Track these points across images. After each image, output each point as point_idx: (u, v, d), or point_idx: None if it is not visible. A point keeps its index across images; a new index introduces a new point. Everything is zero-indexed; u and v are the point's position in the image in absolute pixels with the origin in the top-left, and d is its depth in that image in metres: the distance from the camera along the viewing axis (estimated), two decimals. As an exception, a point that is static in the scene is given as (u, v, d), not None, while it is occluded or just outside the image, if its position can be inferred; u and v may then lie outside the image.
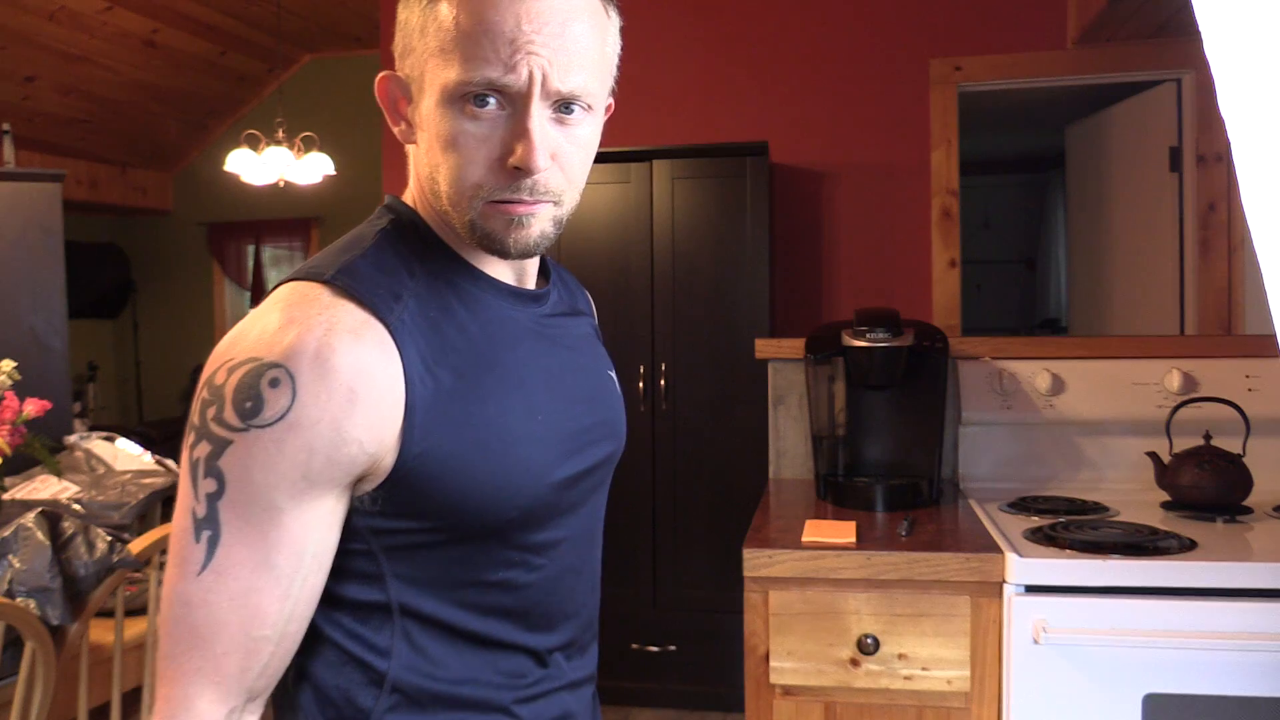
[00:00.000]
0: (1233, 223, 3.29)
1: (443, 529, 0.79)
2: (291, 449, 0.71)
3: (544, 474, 0.83)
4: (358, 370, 0.72)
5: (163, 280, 7.02)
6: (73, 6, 4.75)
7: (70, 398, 3.40)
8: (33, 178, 3.29)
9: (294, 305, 0.74)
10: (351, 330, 0.73)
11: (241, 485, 0.71)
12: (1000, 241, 6.96)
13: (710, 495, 3.24)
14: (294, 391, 0.71)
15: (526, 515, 0.82)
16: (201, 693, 0.72)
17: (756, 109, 3.59)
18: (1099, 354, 2.18)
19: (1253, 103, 0.39)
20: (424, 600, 0.80)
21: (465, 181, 0.78)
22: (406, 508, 0.77)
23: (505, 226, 0.79)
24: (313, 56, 6.50)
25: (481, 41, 0.74)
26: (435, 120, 0.78)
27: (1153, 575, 1.54)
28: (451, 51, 0.75)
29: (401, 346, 0.74)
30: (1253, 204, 0.40)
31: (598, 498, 0.94)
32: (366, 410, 0.72)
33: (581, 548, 0.92)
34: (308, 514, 0.73)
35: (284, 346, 0.72)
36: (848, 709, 1.65)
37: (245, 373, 0.72)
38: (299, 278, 0.78)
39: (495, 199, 0.78)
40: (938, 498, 2.03)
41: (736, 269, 3.21)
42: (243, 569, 0.72)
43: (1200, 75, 3.31)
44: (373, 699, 0.80)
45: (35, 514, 1.72)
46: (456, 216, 0.81)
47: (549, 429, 0.84)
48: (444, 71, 0.76)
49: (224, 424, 0.71)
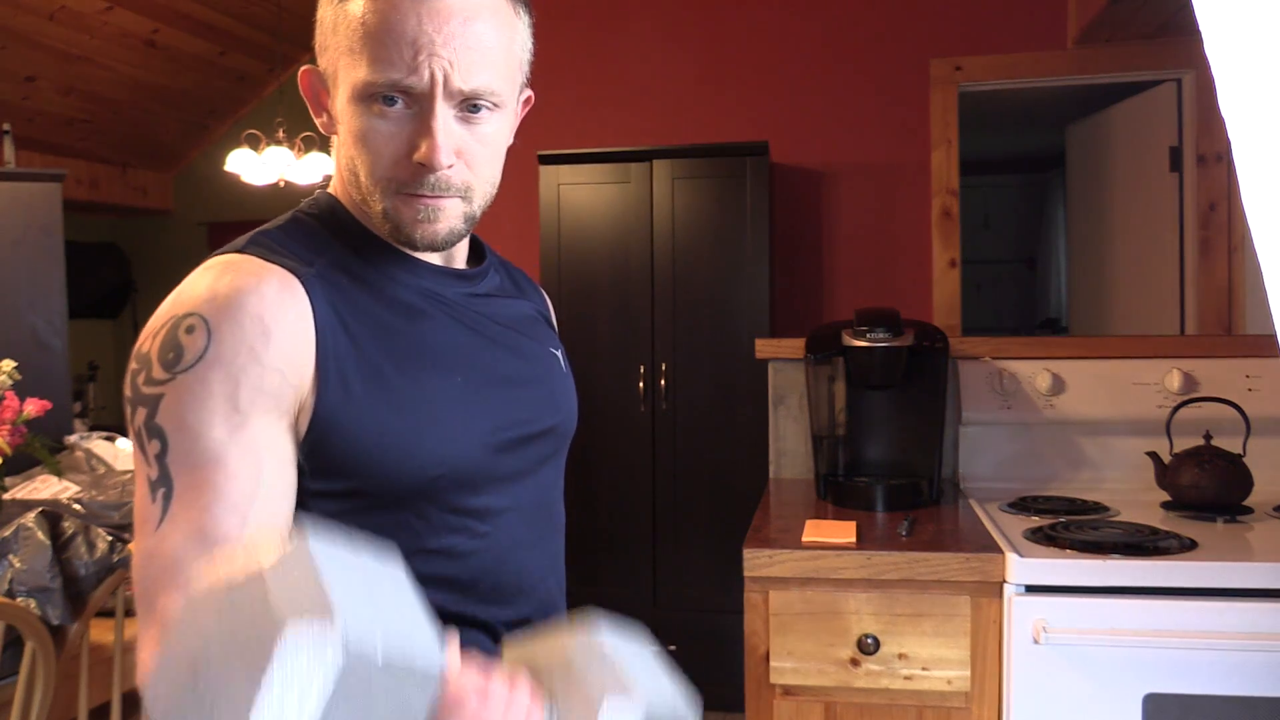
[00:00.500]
0: (1233, 223, 3.29)
1: (371, 490, 0.80)
2: (216, 383, 0.73)
3: (467, 435, 0.84)
4: (266, 306, 0.75)
5: (163, 280, 6.99)
6: (73, 6, 4.75)
7: (70, 398, 3.40)
8: (33, 178, 3.29)
9: (204, 270, 0.80)
10: (256, 274, 0.77)
11: (180, 434, 0.73)
12: (1000, 241, 6.96)
13: (710, 495, 3.24)
14: (209, 331, 0.74)
15: (454, 476, 0.83)
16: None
17: (756, 109, 3.59)
18: (1099, 354, 2.18)
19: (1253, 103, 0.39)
20: None
21: (376, 174, 0.82)
22: (329, 464, 0.78)
23: (414, 219, 0.83)
24: (313, 56, 6.49)
25: (386, 42, 0.78)
26: (349, 116, 0.82)
27: (1153, 575, 1.54)
28: (360, 52, 0.79)
29: (312, 296, 0.78)
30: (1253, 204, 0.40)
31: (546, 471, 0.95)
32: (280, 341, 0.75)
33: (532, 521, 0.92)
34: (247, 443, 0.74)
35: (194, 298, 0.76)
36: (848, 709, 1.65)
37: (164, 331, 0.76)
38: (213, 254, 0.83)
39: (404, 191, 0.82)
40: (938, 498, 2.03)
41: (736, 269, 3.21)
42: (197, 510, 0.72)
43: (1200, 75, 3.31)
44: None
45: (35, 514, 1.72)
46: (372, 206, 0.84)
47: (472, 394, 0.86)
48: (354, 71, 0.80)
49: (153, 382, 0.74)
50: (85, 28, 4.95)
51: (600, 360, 3.29)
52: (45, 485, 2.26)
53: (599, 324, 3.29)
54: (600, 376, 3.28)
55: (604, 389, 3.28)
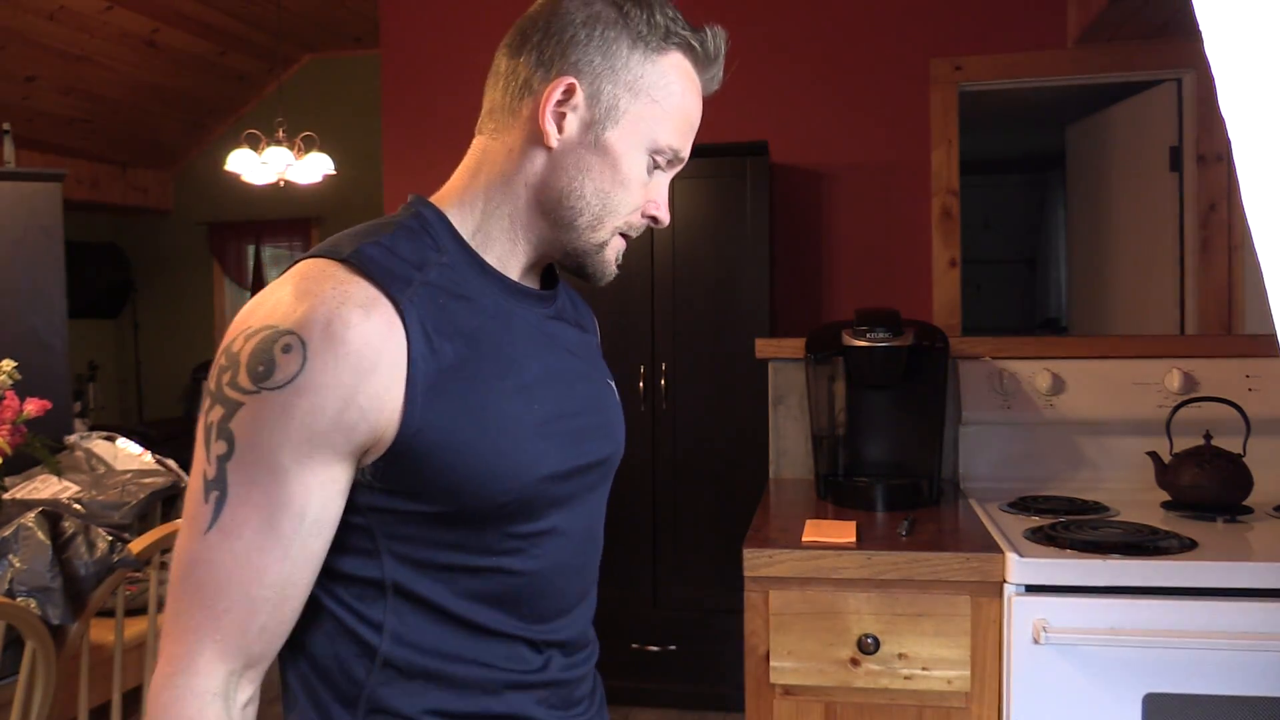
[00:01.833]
0: (1233, 223, 3.29)
1: (437, 509, 0.81)
2: (299, 411, 0.75)
3: (537, 464, 0.85)
4: (365, 342, 0.76)
5: (163, 280, 7.02)
6: (73, 6, 4.75)
7: (70, 398, 3.40)
8: (33, 178, 3.29)
9: (309, 279, 0.79)
10: (361, 305, 0.77)
11: (249, 446, 0.75)
12: (1000, 241, 6.96)
13: (710, 495, 3.24)
14: (305, 357, 0.75)
15: (519, 503, 0.84)
16: (202, 650, 0.76)
17: (756, 109, 3.59)
18: (1099, 354, 2.18)
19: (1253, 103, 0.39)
20: (417, 581, 0.82)
21: (619, 212, 0.89)
22: (404, 484, 0.80)
23: (615, 257, 0.93)
24: (313, 56, 6.50)
25: (689, 120, 0.91)
26: (624, 156, 0.88)
27: (1153, 575, 1.54)
28: (669, 119, 0.89)
29: (408, 324, 0.78)
30: (1253, 204, 0.40)
31: (594, 498, 0.95)
32: (371, 380, 0.76)
33: (578, 546, 0.93)
34: (310, 478, 0.76)
35: (297, 316, 0.76)
36: (848, 709, 1.65)
37: (260, 339, 0.76)
38: (317, 255, 0.82)
39: (623, 233, 0.92)
40: (938, 497, 2.03)
41: (736, 269, 3.21)
42: (246, 528, 0.76)
43: (1200, 75, 3.31)
44: (365, 671, 0.83)
45: (35, 514, 1.72)
46: (583, 232, 0.89)
47: (545, 421, 0.87)
48: (659, 130, 0.88)
49: (237, 387, 0.76)
50: (85, 28, 4.95)
51: (600, 360, 3.28)
52: (45, 485, 2.26)
53: (599, 324, 3.29)
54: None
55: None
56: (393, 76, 3.94)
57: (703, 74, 0.91)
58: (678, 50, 0.88)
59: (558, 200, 0.88)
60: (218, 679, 0.76)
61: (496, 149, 0.89)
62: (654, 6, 0.87)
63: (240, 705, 0.78)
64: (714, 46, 0.90)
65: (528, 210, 0.89)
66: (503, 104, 0.89)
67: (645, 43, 0.86)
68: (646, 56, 0.87)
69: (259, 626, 0.77)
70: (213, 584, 0.76)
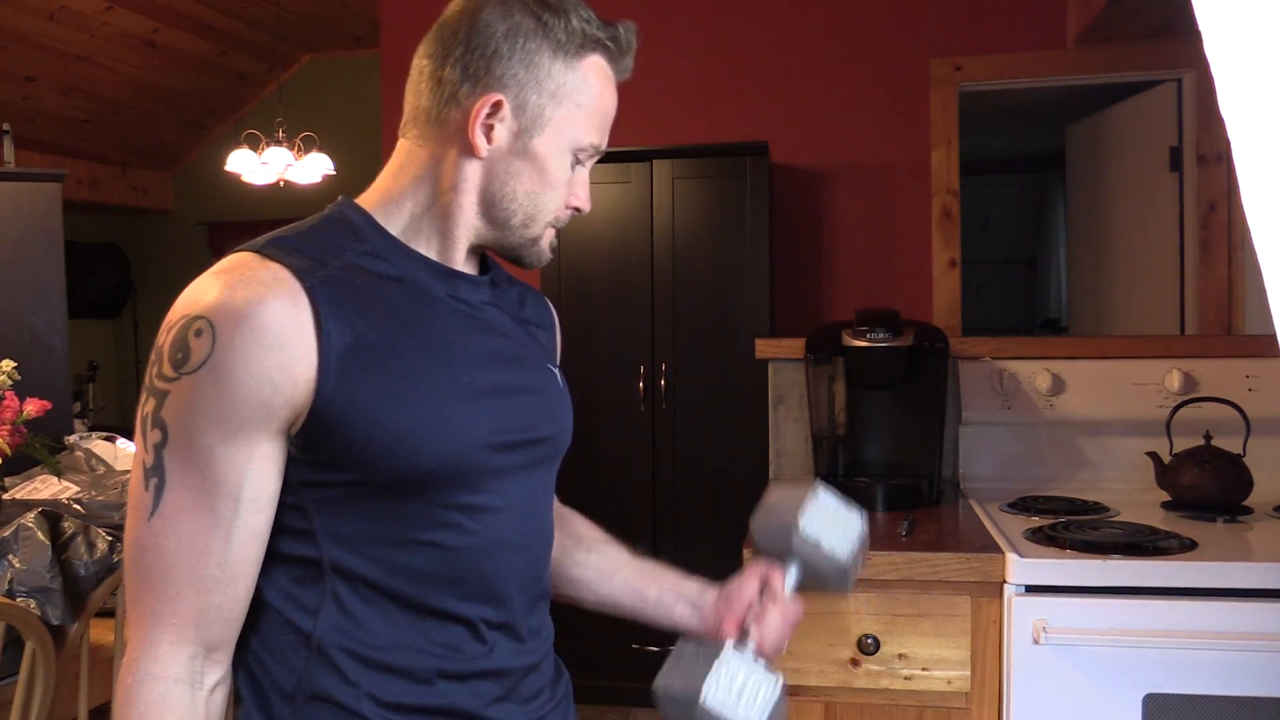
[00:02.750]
0: (1233, 223, 3.29)
1: (362, 480, 0.83)
2: (214, 390, 0.79)
3: (466, 431, 0.87)
4: (270, 318, 0.79)
5: (163, 280, 7.02)
6: (73, 6, 4.75)
7: (70, 398, 3.40)
8: (33, 178, 3.29)
9: (222, 270, 0.83)
10: (267, 284, 0.81)
11: (179, 431, 0.79)
12: (1000, 241, 6.96)
13: (710, 495, 3.24)
14: (214, 339, 0.79)
15: (448, 470, 0.85)
16: (160, 635, 0.80)
17: (756, 109, 3.59)
18: (1099, 354, 2.18)
19: (1253, 103, 0.39)
20: (354, 559, 0.84)
21: (547, 209, 0.93)
22: (326, 454, 0.82)
23: (549, 246, 0.97)
24: (313, 56, 6.50)
25: (606, 117, 0.94)
26: (551, 159, 0.91)
27: (1153, 575, 1.54)
28: (589, 119, 0.92)
29: (317, 300, 0.81)
30: (1253, 204, 0.40)
31: (535, 480, 0.96)
32: (281, 355, 0.79)
33: (520, 525, 0.93)
34: (239, 455, 0.80)
35: (207, 302, 0.80)
36: (848, 709, 1.65)
37: (178, 329, 0.81)
38: (235, 250, 0.86)
39: (554, 225, 0.96)
40: (938, 498, 2.03)
41: (736, 269, 3.21)
42: (186, 512, 0.79)
43: (1200, 75, 3.31)
44: (303, 661, 0.84)
45: (35, 514, 1.72)
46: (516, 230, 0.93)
47: (474, 394, 0.89)
48: (580, 131, 0.91)
49: (163, 377, 0.80)
50: (85, 28, 4.95)
51: (600, 360, 3.28)
52: (45, 485, 2.26)
53: (599, 324, 3.29)
54: (600, 376, 3.28)
55: (604, 389, 3.28)
56: (393, 76, 3.93)
57: (616, 67, 0.94)
58: (595, 52, 0.91)
59: (491, 204, 0.92)
60: (179, 663, 0.79)
61: (423, 155, 0.92)
62: (569, 12, 0.90)
63: (208, 688, 0.81)
64: (626, 41, 0.94)
65: (460, 211, 0.92)
66: (428, 112, 0.92)
67: (565, 50, 0.89)
68: (567, 64, 0.90)
69: (214, 607, 0.80)
70: (161, 569, 0.79)
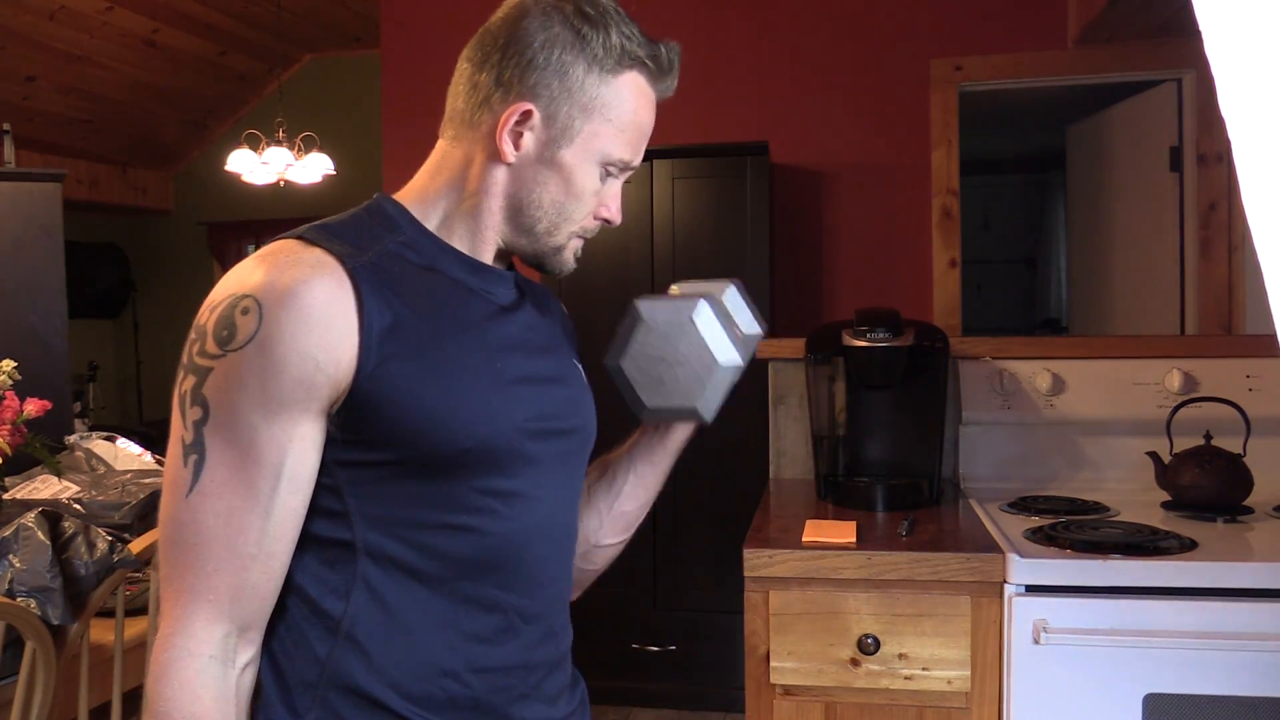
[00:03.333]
0: (1233, 223, 3.29)
1: (400, 459, 0.84)
2: (259, 367, 0.79)
3: (501, 413, 0.88)
4: (316, 298, 0.81)
5: (163, 280, 7.02)
6: (73, 6, 4.75)
7: (70, 398, 3.40)
8: (33, 178, 3.29)
9: (267, 253, 0.85)
10: (313, 265, 0.82)
11: (221, 408, 0.80)
12: (1000, 241, 6.95)
13: (710, 495, 3.24)
14: (260, 316, 0.80)
15: (485, 450, 0.86)
16: (196, 612, 0.80)
17: (756, 109, 3.59)
18: (1099, 354, 2.18)
19: (1253, 103, 0.39)
20: (387, 541, 0.84)
21: (572, 219, 0.94)
22: (365, 432, 0.83)
23: (573, 255, 0.98)
24: (313, 56, 6.49)
25: (640, 134, 0.94)
26: (578, 170, 0.92)
27: (1153, 575, 1.54)
28: (621, 134, 0.92)
29: (360, 283, 0.83)
30: (1253, 204, 0.40)
31: (567, 471, 0.98)
32: (325, 334, 0.80)
33: (552, 514, 0.94)
34: (280, 434, 0.80)
35: (253, 282, 0.82)
36: (848, 709, 1.65)
37: (223, 307, 0.82)
38: (278, 237, 0.88)
39: (581, 235, 0.97)
40: (938, 498, 2.03)
41: (736, 269, 3.20)
42: (225, 488, 0.80)
43: (1200, 75, 3.31)
44: (327, 648, 0.84)
45: (35, 514, 1.72)
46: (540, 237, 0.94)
47: (508, 379, 0.90)
48: (611, 145, 0.92)
49: (206, 354, 0.81)
50: (85, 28, 4.95)
51: (600, 360, 3.28)
52: (45, 485, 2.26)
53: (599, 324, 3.27)
54: (600, 376, 3.28)
55: (604, 389, 3.28)
56: (393, 76, 3.93)
57: (657, 86, 0.94)
58: (633, 69, 0.91)
59: (516, 209, 0.92)
60: (214, 641, 0.80)
61: (457, 156, 0.93)
62: (610, 27, 0.89)
63: (240, 667, 0.82)
64: (668, 60, 0.93)
65: (488, 214, 0.93)
66: (463, 114, 0.93)
67: (601, 65, 0.89)
68: (602, 79, 0.90)
69: (249, 585, 0.80)
70: (200, 545, 0.79)
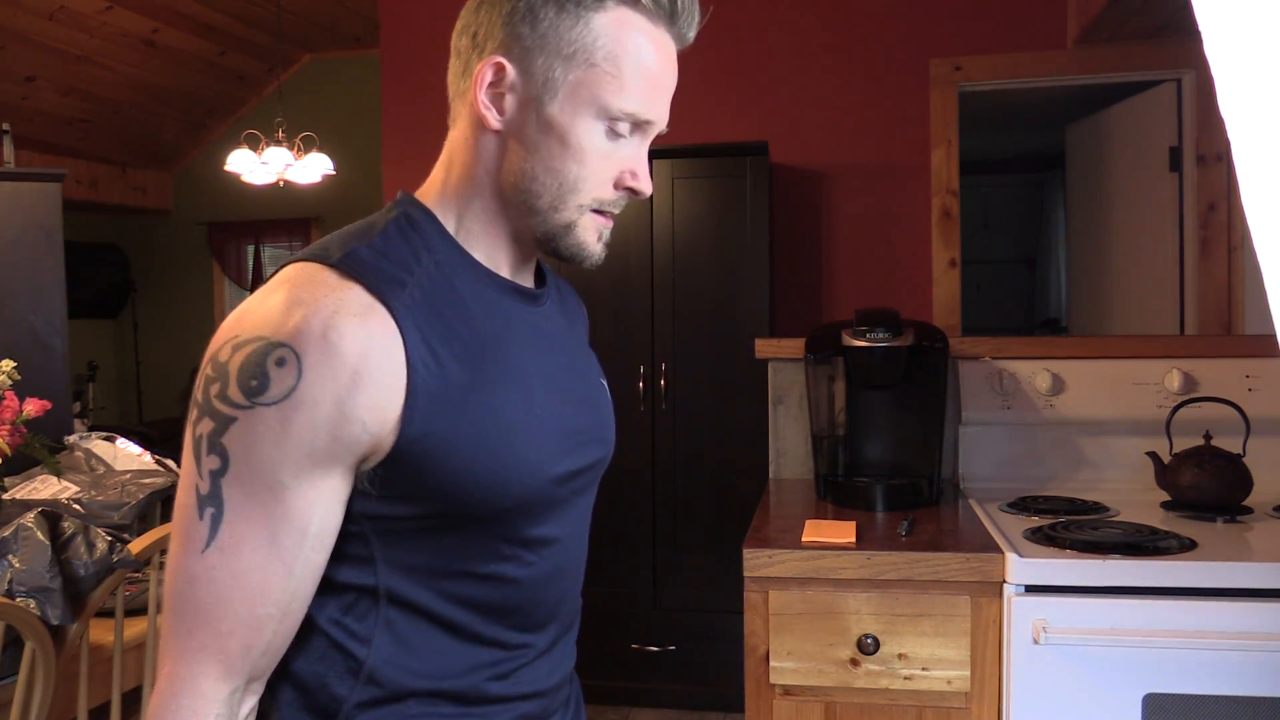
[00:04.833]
0: (1233, 223, 3.29)
1: (436, 514, 0.79)
2: (296, 427, 0.72)
3: (540, 467, 0.83)
4: (362, 352, 0.73)
5: (163, 280, 7.02)
6: (73, 6, 4.75)
7: (70, 398, 3.39)
8: (33, 178, 3.29)
9: (300, 286, 0.75)
10: (357, 314, 0.74)
11: (245, 462, 0.72)
12: (1000, 241, 6.96)
13: (710, 495, 3.24)
14: (300, 371, 0.72)
15: (521, 507, 0.82)
16: (206, 671, 0.73)
17: (756, 109, 3.59)
18: (1099, 354, 2.18)
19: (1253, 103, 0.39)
20: (412, 588, 0.80)
21: (580, 189, 0.83)
22: (402, 490, 0.77)
23: (595, 237, 0.86)
24: (313, 56, 6.49)
25: (651, 83, 0.82)
26: (571, 128, 0.81)
27: (1153, 575, 1.54)
28: (615, 80, 0.81)
29: (405, 331, 0.75)
30: (1253, 204, 0.40)
31: (584, 502, 0.94)
32: (369, 391, 0.73)
33: (570, 549, 0.92)
34: (311, 492, 0.74)
35: (291, 327, 0.73)
36: (848, 709, 1.65)
37: (251, 351, 0.73)
38: (305, 258, 0.79)
39: (598, 209, 0.85)
40: (938, 498, 2.03)
41: (736, 269, 3.21)
42: (246, 546, 0.73)
43: (1200, 75, 3.31)
44: (348, 689, 0.80)
45: (35, 514, 1.72)
46: (545, 214, 0.84)
47: (545, 424, 0.85)
48: (605, 94, 0.80)
49: (228, 401, 0.72)
50: (85, 28, 4.95)
51: (600, 360, 3.28)
52: (45, 485, 2.26)
53: (599, 324, 3.29)
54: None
55: (604, 389, 3.27)
56: (393, 76, 3.93)
57: (662, 26, 0.83)
58: (619, 5, 0.81)
59: (514, 184, 0.83)
60: (221, 700, 0.74)
61: (456, 138, 0.86)
62: None
63: (242, 717, 0.77)
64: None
65: (493, 200, 0.85)
66: (454, 89, 0.86)
67: (575, 2, 0.80)
68: (578, 17, 0.80)
69: (264, 644, 0.75)
70: (214, 604, 0.73)
